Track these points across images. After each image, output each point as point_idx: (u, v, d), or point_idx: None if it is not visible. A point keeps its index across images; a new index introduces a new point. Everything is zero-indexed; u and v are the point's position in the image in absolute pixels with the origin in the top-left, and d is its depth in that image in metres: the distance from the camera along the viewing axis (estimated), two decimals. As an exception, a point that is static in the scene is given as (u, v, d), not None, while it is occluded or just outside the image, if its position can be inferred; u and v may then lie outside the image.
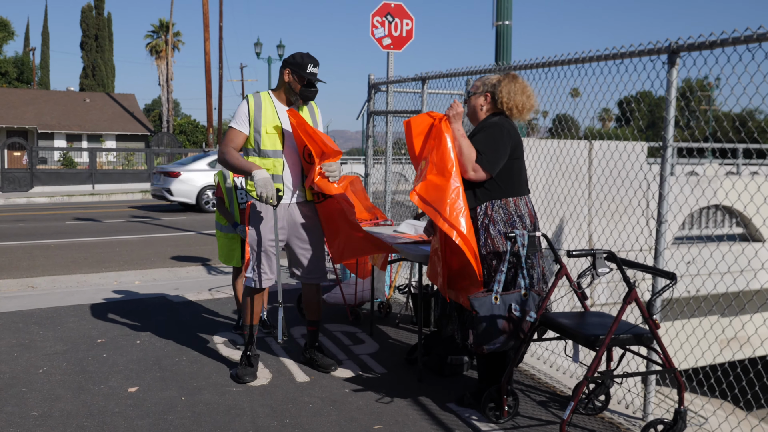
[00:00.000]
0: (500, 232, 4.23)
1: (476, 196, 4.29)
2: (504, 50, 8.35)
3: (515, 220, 4.27)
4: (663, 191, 4.30)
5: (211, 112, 37.59)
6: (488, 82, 4.46)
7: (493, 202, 4.28)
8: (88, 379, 5.06)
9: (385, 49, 8.62)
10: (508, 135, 4.29)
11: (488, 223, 4.27)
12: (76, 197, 25.97)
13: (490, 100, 4.42)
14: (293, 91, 4.95)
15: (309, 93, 4.97)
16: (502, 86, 4.36)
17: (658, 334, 3.78)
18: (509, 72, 4.50)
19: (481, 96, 4.44)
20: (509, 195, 4.30)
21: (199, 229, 15.69)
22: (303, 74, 4.89)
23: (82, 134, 50.99)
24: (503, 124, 4.32)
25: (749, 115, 4.89)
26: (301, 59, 4.91)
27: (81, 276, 9.57)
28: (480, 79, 4.56)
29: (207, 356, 5.62)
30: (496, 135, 4.25)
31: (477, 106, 4.46)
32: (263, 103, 4.95)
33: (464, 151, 4.18)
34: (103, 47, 63.40)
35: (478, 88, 4.48)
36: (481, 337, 4.08)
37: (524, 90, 4.37)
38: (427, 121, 4.35)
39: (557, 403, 4.72)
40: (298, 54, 4.96)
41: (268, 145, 4.90)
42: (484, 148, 4.22)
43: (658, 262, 4.31)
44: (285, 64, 4.97)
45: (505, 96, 4.34)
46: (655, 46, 4.26)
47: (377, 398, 4.73)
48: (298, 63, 4.90)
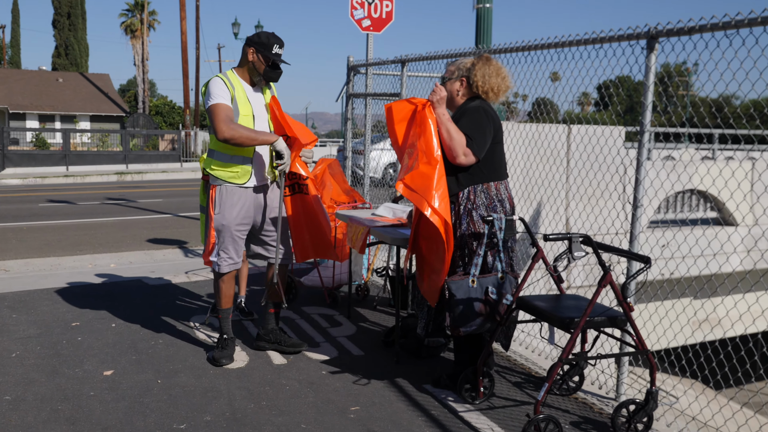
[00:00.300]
0: (481, 216, 4.25)
1: (459, 181, 4.30)
2: (484, 33, 8.34)
3: (496, 205, 4.29)
4: (639, 176, 4.33)
5: (187, 92, 37.28)
6: (462, 67, 4.45)
7: (476, 186, 4.29)
8: (62, 363, 5.03)
9: (364, 30, 8.58)
10: (491, 119, 4.30)
11: (471, 208, 4.28)
12: (49, 179, 25.68)
13: (466, 84, 4.42)
14: (257, 71, 4.83)
15: (273, 74, 4.87)
16: (476, 70, 4.36)
17: (631, 317, 3.82)
18: (483, 54, 4.49)
19: (457, 81, 4.44)
20: (491, 179, 4.31)
21: (175, 212, 15.59)
22: (268, 54, 4.77)
23: (55, 115, 50.33)
24: (484, 108, 4.33)
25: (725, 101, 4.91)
26: (266, 39, 4.78)
27: (55, 259, 9.47)
28: (454, 64, 4.55)
29: (183, 339, 5.60)
30: (480, 119, 4.26)
31: (453, 91, 4.46)
32: (235, 84, 4.82)
33: (454, 136, 4.17)
34: (76, 25, 62.41)
35: (452, 73, 4.47)
36: (457, 319, 4.11)
37: (499, 72, 4.38)
38: (408, 107, 4.33)
39: (532, 384, 4.77)
40: (263, 33, 4.83)
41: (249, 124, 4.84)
42: (472, 132, 4.22)
43: (633, 246, 4.35)
44: (249, 42, 4.83)
45: (480, 79, 4.34)
46: (634, 32, 4.28)
47: (354, 380, 4.75)
48: (263, 43, 4.77)
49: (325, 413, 4.21)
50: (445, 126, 4.19)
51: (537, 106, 6.51)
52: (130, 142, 33.19)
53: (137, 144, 34.95)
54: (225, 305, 5.09)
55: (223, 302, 5.07)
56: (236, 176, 4.85)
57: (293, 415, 4.18)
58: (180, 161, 33.05)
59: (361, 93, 7.92)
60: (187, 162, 33.32)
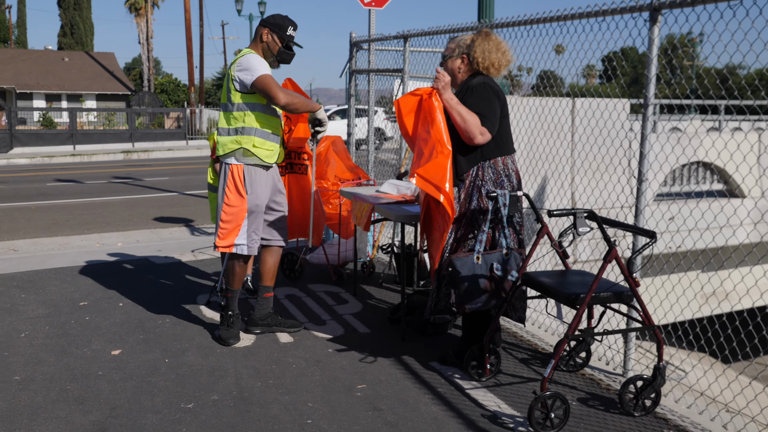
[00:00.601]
0: (486, 192, 4.23)
1: (468, 160, 4.28)
2: (487, 7, 8.25)
3: (503, 179, 4.28)
4: (644, 149, 4.30)
5: (192, 70, 37.19)
6: (462, 44, 4.42)
7: (483, 163, 4.27)
8: (70, 343, 5.05)
9: (366, 6, 8.51)
10: (496, 94, 4.28)
11: (480, 185, 4.27)
12: (56, 158, 25.72)
13: (467, 61, 4.40)
14: (271, 51, 4.87)
15: (287, 56, 4.93)
16: (476, 46, 4.33)
17: (637, 292, 3.81)
18: (482, 30, 4.45)
19: (458, 59, 4.42)
20: (498, 155, 4.30)
21: (181, 190, 15.61)
22: (283, 35, 4.85)
23: (61, 94, 50.30)
24: (489, 83, 4.31)
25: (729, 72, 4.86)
26: (282, 20, 4.86)
27: (63, 238, 9.51)
28: (453, 41, 4.52)
29: (190, 318, 5.62)
30: (487, 95, 4.25)
31: (455, 69, 4.44)
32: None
33: (467, 118, 4.15)
34: (80, 5, 62.15)
35: (453, 51, 4.44)
36: (463, 296, 4.10)
37: (498, 46, 4.35)
38: (414, 99, 4.33)
39: (539, 360, 4.77)
40: (278, 15, 4.90)
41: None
42: (483, 109, 4.20)
43: (638, 221, 4.33)
44: (265, 23, 4.89)
45: (480, 56, 4.32)
46: (637, 3, 4.22)
47: (360, 358, 4.76)
48: (278, 24, 4.84)
49: (332, 391, 4.23)
50: (456, 110, 4.17)
51: (541, 80, 6.45)
52: (136, 120, 33.16)
53: (143, 122, 34.92)
54: (237, 285, 5.07)
55: (236, 283, 5.05)
56: (271, 155, 4.86)
57: (300, 394, 4.19)
58: (186, 139, 33.02)
59: (364, 69, 7.87)
60: (193, 140, 33.28)
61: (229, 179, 4.80)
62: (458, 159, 4.26)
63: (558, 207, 7.39)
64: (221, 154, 4.84)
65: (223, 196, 4.84)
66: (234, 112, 4.76)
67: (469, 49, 4.37)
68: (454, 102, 4.19)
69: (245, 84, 4.69)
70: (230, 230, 4.86)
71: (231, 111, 4.78)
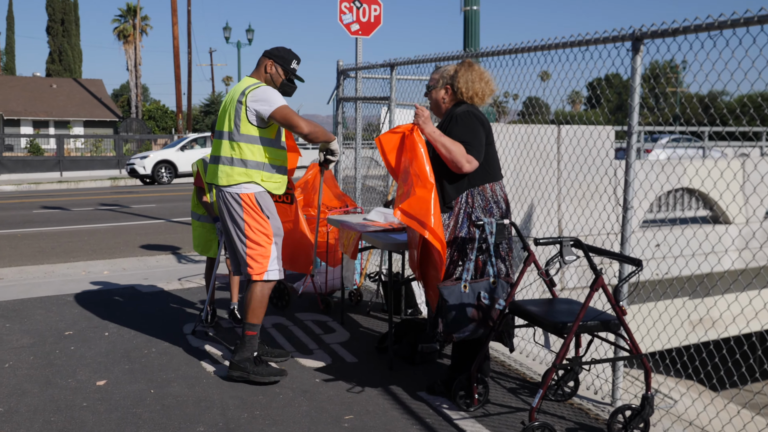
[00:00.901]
0: (478, 219, 4.25)
1: (457, 188, 4.30)
2: (472, 35, 8.34)
3: (492, 206, 4.30)
4: (628, 177, 4.32)
5: (180, 97, 37.23)
6: (446, 74, 4.48)
7: (472, 190, 4.29)
8: (55, 373, 5.00)
9: (353, 35, 8.57)
10: (480, 122, 4.32)
11: (469, 211, 4.28)
12: (43, 185, 25.62)
13: (451, 92, 4.45)
14: (274, 83, 4.86)
15: (289, 88, 4.94)
16: (459, 76, 4.39)
17: (624, 321, 3.81)
18: (465, 60, 4.50)
19: (442, 89, 4.47)
20: (486, 181, 4.32)
21: (168, 217, 15.56)
22: (287, 68, 4.88)
23: (49, 120, 50.29)
24: (473, 111, 4.35)
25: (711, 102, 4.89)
26: (286, 53, 4.89)
27: (48, 266, 9.45)
28: (437, 72, 4.58)
29: (176, 348, 5.58)
30: (472, 123, 4.28)
31: (439, 99, 4.49)
32: None
33: (452, 148, 4.19)
34: (69, 32, 62.35)
35: (437, 82, 4.50)
36: (450, 325, 4.09)
37: (482, 77, 4.40)
38: (396, 136, 4.36)
39: (527, 389, 4.76)
40: (282, 48, 4.93)
41: (283, 137, 4.94)
42: (468, 138, 4.24)
43: (624, 248, 4.34)
44: (269, 55, 4.89)
45: (463, 86, 4.37)
46: (619, 33, 4.27)
47: (348, 388, 4.73)
48: (283, 57, 4.87)
49: (319, 422, 4.19)
50: (440, 142, 4.20)
51: (527, 107, 6.50)
52: (124, 146, 33.14)
53: (130, 149, 34.88)
54: (261, 319, 4.85)
55: (262, 315, 4.84)
56: (278, 186, 4.86)
57: (287, 425, 4.16)
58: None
59: (351, 97, 7.90)
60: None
61: (245, 207, 4.71)
62: (446, 187, 4.29)
63: (545, 234, 7.42)
64: (225, 184, 4.73)
65: (243, 225, 4.72)
66: (241, 143, 4.69)
67: (452, 80, 4.42)
68: (437, 134, 4.22)
69: (262, 116, 4.64)
70: (261, 256, 4.75)
71: (237, 141, 4.69)
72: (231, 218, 4.78)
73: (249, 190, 4.71)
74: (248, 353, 4.79)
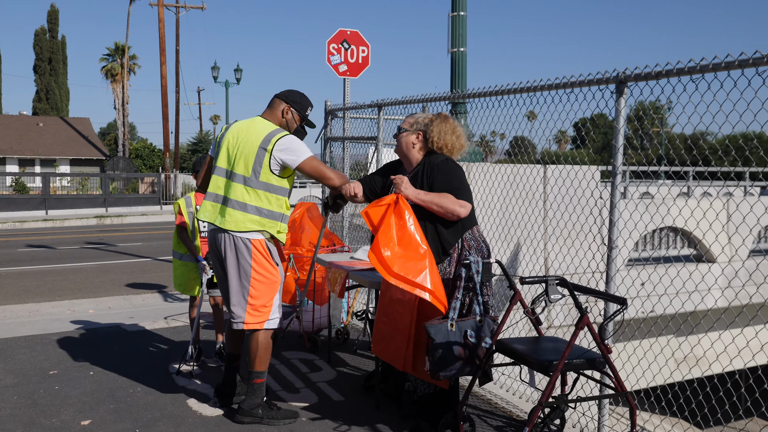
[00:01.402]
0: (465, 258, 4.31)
1: (452, 233, 4.36)
2: (459, 77, 8.47)
3: (482, 245, 4.38)
4: (613, 217, 4.38)
5: (167, 135, 37.33)
6: (421, 121, 4.59)
7: (466, 234, 4.37)
8: (39, 413, 4.96)
9: (341, 75, 8.68)
10: (461, 169, 4.44)
11: (465, 254, 4.34)
12: (28, 223, 25.50)
13: (422, 138, 4.55)
14: (288, 128, 4.76)
15: (301, 135, 4.87)
16: (433, 126, 4.50)
17: (609, 359, 3.83)
18: (441, 113, 4.62)
19: (413, 134, 4.56)
20: (473, 224, 4.43)
21: (155, 256, 15.52)
22: (303, 115, 4.83)
23: (35, 159, 50.17)
24: (452, 159, 4.48)
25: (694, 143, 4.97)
26: (302, 99, 4.82)
27: (33, 305, 9.39)
28: (412, 117, 4.68)
29: (162, 387, 5.55)
30: (455, 170, 4.40)
31: (409, 143, 4.57)
32: None
33: (440, 200, 4.27)
34: (56, 70, 62.54)
35: (411, 125, 4.60)
36: (437, 364, 4.10)
37: (454, 130, 4.54)
38: (381, 208, 4.36)
39: (513, 427, 4.76)
40: (297, 93, 4.85)
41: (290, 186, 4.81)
42: (455, 184, 4.34)
43: (609, 287, 4.38)
44: (286, 100, 4.77)
45: (435, 136, 4.49)
46: (603, 76, 4.36)
47: (334, 426, 4.72)
48: (300, 103, 4.79)
49: (305, 461, 4.17)
50: (428, 198, 4.28)
51: (512, 146, 6.58)
52: (110, 185, 33.11)
53: (117, 187, 34.86)
54: (267, 366, 4.79)
55: (268, 361, 4.79)
56: (282, 235, 4.73)
57: (273, 464, 4.13)
58: (160, 204, 32.99)
59: (338, 137, 7.98)
60: (167, 204, 33.24)
61: (256, 254, 4.56)
62: (443, 234, 4.34)
63: (531, 272, 7.46)
64: (234, 229, 4.56)
65: (250, 272, 4.57)
66: (259, 190, 4.55)
67: (426, 128, 4.53)
68: (422, 194, 4.31)
69: (288, 166, 4.55)
70: (264, 306, 4.64)
71: (254, 187, 4.54)
72: (237, 263, 4.60)
73: (259, 237, 4.58)
74: (258, 399, 4.72)
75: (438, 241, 4.34)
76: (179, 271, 6.24)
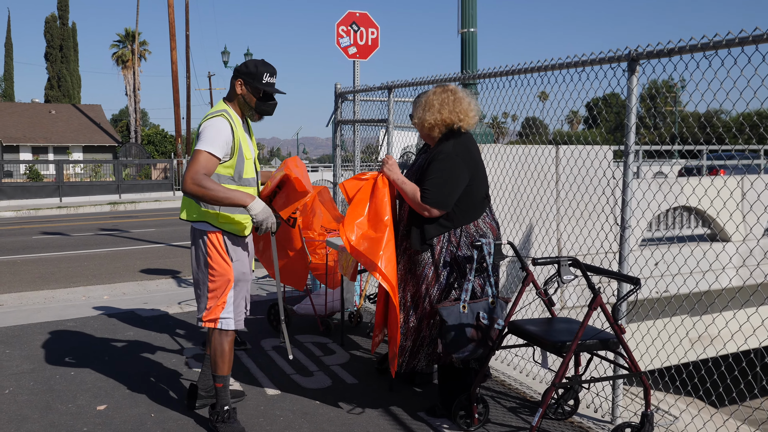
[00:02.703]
0: (465, 256, 4.27)
1: (437, 227, 4.32)
2: (470, 57, 8.41)
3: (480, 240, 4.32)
4: (626, 197, 4.35)
5: (179, 121, 37.36)
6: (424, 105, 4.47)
7: (455, 230, 4.32)
8: (55, 398, 5.00)
9: (350, 58, 8.64)
10: (463, 163, 4.30)
11: (453, 250, 4.30)
12: (43, 210, 25.66)
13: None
14: (248, 105, 4.22)
15: (267, 107, 4.23)
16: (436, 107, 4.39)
17: (623, 339, 3.82)
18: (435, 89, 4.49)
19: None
20: (470, 221, 4.33)
21: (168, 241, 15.58)
22: (258, 86, 4.15)
23: (48, 146, 50.45)
24: (456, 152, 4.32)
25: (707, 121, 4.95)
26: (255, 68, 4.16)
27: (48, 292, 9.45)
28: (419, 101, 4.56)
29: (176, 371, 5.58)
30: (442, 170, 4.27)
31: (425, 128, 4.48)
32: (236, 122, 4.16)
33: (412, 195, 4.30)
34: (68, 58, 62.70)
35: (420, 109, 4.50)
36: (450, 345, 4.10)
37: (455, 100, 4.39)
38: (359, 182, 4.46)
39: (527, 408, 4.76)
40: (251, 62, 4.21)
41: (249, 173, 4.20)
42: (429, 185, 4.26)
43: (622, 267, 4.36)
44: (236, 73, 4.22)
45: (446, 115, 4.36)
46: (615, 54, 4.31)
47: (349, 409, 4.73)
48: (251, 72, 4.15)
49: (320, 444, 4.19)
50: (404, 189, 4.35)
51: (524, 128, 6.55)
52: (123, 171, 33.22)
53: (130, 173, 34.98)
54: (228, 370, 4.33)
55: (227, 367, 4.31)
56: (241, 229, 4.22)
57: (287, 447, 4.15)
58: (173, 190, 33.09)
59: (349, 120, 7.96)
60: (180, 190, 33.33)
61: (210, 247, 4.18)
62: (424, 224, 4.32)
63: (543, 254, 7.44)
64: (184, 218, 4.27)
65: (206, 266, 4.22)
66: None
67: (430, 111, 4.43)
68: (402, 182, 4.36)
69: None
70: (216, 299, 4.24)
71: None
72: (196, 257, 4.29)
73: (215, 230, 4.17)
74: (219, 405, 4.32)
75: (420, 228, 4.34)
76: None
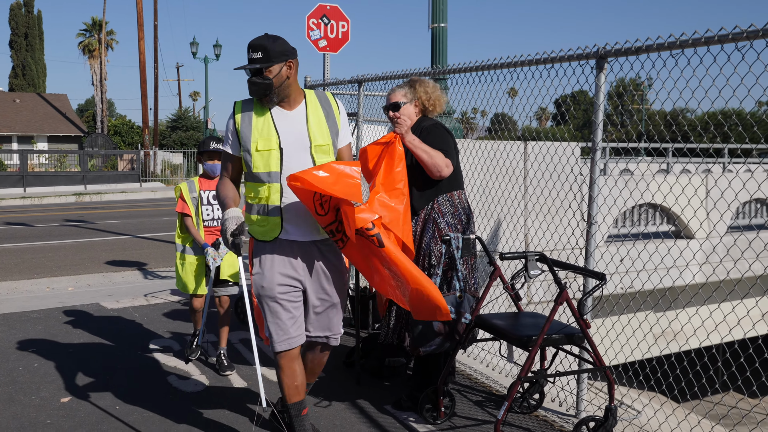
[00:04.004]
0: (448, 224, 4.31)
1: (424, 194, 4.38)
2: (440, 52, 8.42)
3: (460, 212, 4.38)
4: (592, 193, 4.40)
5: (146, 112, 36.99)
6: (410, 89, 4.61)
7: (439, 197, 4.37)
8: (18, 390, 4.94)
9: (321, 51, 8.61)
10: (448, 132, 4.48)
11: (436, 216, 4.35)
12: (6, 201, 25.24)
13: (419, 104, 4.57)
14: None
15: (249, 86, 3.61)
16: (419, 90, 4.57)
17: (588, 334, 3.87)
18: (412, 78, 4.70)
19: (411, 104, 4.54)
20: (453, 189, 4.43)
21: (134, 233, 15.42)
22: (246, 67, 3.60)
23: (12, 136, 49.59)
24: (440, 123, 4.51)
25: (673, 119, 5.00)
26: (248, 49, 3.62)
27: (11, 283, 9.31)
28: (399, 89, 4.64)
29: (142, 364, 5.53)
30: (443, 133, 4.43)
31: (411, 114, 4.57)
32: (254, 109, 3.67)
33: (432, 154, 4.29)
34: (33, 46, 61.66)
35: (405, 96, 4.56)
36: (417, 339, 4.12)
37: (435, 86, 4.62)
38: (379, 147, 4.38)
39: (493, 402, 4.80)
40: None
41: (260, 167, 3.61)
42: (443, 146, 4.37)
43: (588, 263, 4.41)
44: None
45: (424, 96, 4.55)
46: (584, 51, 4.36)
47: (315, 402, 4.73)
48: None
49: (286, 436, 4.18)
50: (421, 149, 4.30)
51: (493, 123, 6.58)
52: (89, 162, 32.77)
53: (96, 164, 34.52)
54: (294, 397, 3.78)
55: (289, 394, 3.77)
56: (263, 232, 3.69)
57: (253, 440, 4.14)
58: (139, 181, 32.71)
59: (319, 113, 7.92)
60: (147, 182, 33.04)
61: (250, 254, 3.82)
62: (414, 195, 4.35)
63: (511, 248, 7.48)
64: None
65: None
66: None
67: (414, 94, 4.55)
68: (417, 142, 4.32)
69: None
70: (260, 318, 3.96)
71: None
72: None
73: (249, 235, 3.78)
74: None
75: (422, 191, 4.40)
76: (179, 267, 5.49)
